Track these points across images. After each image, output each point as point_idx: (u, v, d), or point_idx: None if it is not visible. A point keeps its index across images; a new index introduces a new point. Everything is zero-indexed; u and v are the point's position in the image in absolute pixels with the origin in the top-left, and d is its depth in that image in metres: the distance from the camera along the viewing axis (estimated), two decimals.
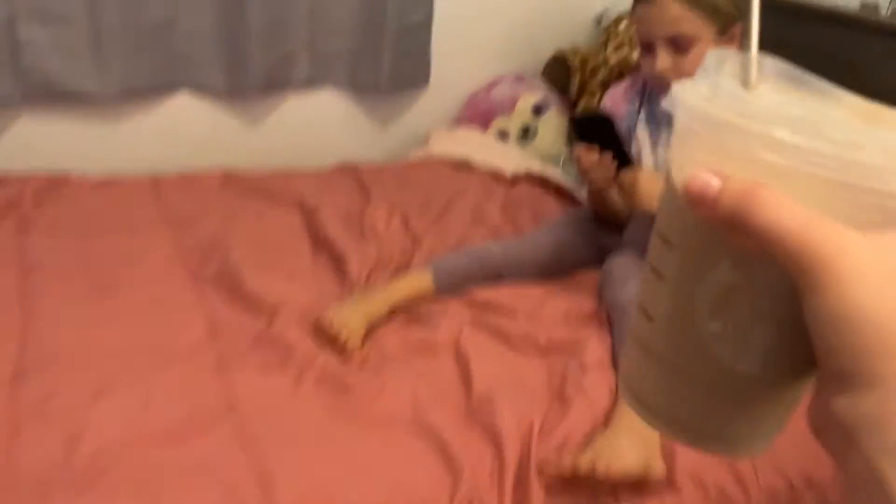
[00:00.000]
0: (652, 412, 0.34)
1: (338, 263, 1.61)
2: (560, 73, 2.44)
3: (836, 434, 0.26)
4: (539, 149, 2.37)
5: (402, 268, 1.62)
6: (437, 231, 1.79)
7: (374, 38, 2.18)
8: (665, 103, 0.31)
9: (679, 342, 0.32)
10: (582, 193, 1.96)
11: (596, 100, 2.32)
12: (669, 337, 0.33)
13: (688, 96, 0.30)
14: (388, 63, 2.21)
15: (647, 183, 1.41)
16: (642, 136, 1.60)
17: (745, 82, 0.30)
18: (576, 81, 2.39)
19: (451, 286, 1.51)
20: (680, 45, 1.40)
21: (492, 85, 2.39)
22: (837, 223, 0.26)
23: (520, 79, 2.40)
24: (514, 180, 2.11)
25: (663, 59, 1.42)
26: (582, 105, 2.36)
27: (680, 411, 0.33)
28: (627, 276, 1.45)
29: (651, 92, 1.57)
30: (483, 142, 2.29)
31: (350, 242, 1.67)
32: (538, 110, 2.35)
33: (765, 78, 0.30)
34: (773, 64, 0.30)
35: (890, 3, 2.04)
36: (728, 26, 1.42)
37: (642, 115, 1.60)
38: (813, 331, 0.26)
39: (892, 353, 0.24)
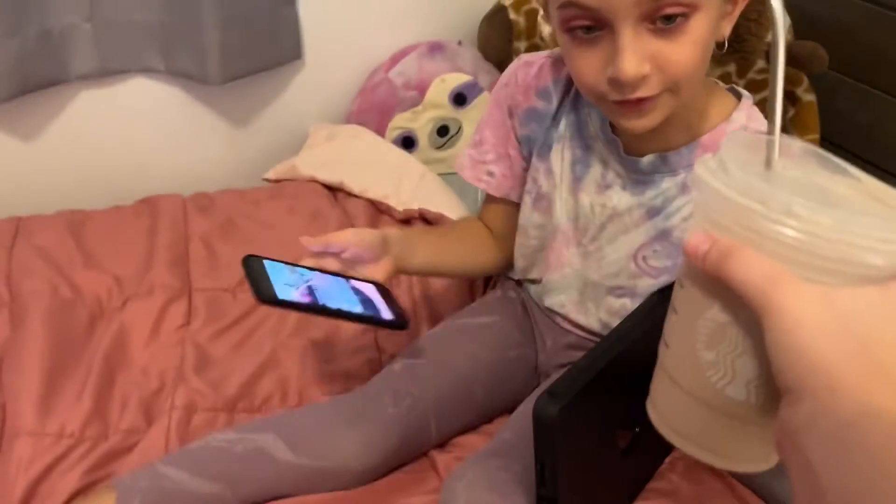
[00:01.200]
0: (675, 432, 0.42)
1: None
2: (499, 36, 1.63)
3: (786, 441, 0.35)
4: None
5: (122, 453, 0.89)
6: (234, 350, 1.05)
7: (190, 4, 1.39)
8: (689, 180, 0.38)
9: (685, 366, 0.41)
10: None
11: None
12: (679, 360, 0.41)
13: (706, 177, 0.38)
14: (221, 38, 1.42)
15: None
16: (557, 160, 0.82)
17: (767, 162, 0.39)
18: (519, 48, 1.58)
19: None
20: (668, 19, 0.64)
21: (394, 60, 1.59)
22: (793, 278, 0.35)
23: (436, 48, 1.59)
24: (408, 222, 1.34)
25: (638, 54, 0.65)
26: None
27: (693, 430, 0.42)
28: None
29: (580, 95, 0.79)
30: (373, 151, 1.50)
31: (47, 397, 0.93)
32: (460, 99, 1.55)
33: (789, 156, 0.39)
34: (800, 144, 0.40)
35: None
36: None
37: (563, 126, 0.82)
38: (769, 359, 0.35)
39: (814, 372, 0.33)
